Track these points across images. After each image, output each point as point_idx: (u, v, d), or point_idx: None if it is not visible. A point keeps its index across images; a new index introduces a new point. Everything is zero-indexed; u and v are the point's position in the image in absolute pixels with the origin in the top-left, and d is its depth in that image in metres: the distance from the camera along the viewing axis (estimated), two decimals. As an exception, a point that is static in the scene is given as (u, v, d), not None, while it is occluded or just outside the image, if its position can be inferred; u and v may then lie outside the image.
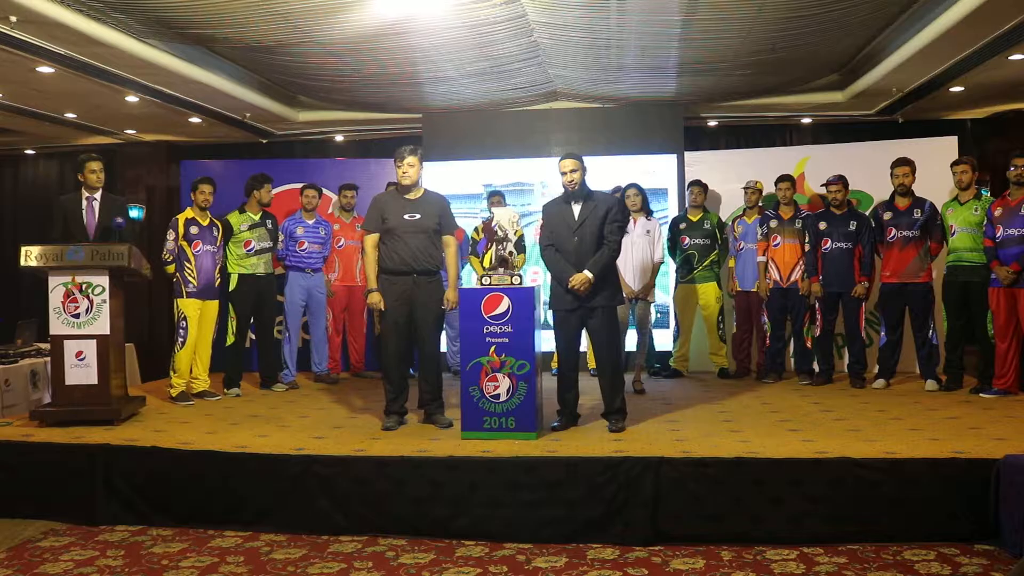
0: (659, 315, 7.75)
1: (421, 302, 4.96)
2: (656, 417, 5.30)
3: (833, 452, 4.15)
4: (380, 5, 5.44)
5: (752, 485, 4.01)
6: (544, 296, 5.30)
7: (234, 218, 6.54)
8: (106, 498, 4.43)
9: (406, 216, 4.90)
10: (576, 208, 4.84)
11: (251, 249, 6.49)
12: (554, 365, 5.41)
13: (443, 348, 6.71)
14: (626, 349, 6.31)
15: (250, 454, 4.39)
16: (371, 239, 4.97)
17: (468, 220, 7.72)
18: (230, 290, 6.48)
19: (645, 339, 6.60)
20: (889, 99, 7.76)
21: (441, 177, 7.93)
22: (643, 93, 7.70)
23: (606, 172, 7.44)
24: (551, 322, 5.03)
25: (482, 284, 4.78)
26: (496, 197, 7.22)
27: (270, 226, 6.68)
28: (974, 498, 3.93)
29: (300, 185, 7.24)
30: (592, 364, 6.75)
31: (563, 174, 4.81)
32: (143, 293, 8.73)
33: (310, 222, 7.05)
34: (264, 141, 9.01)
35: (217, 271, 6.25)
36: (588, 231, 4.78)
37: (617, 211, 4.84)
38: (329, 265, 7.24)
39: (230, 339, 6.58)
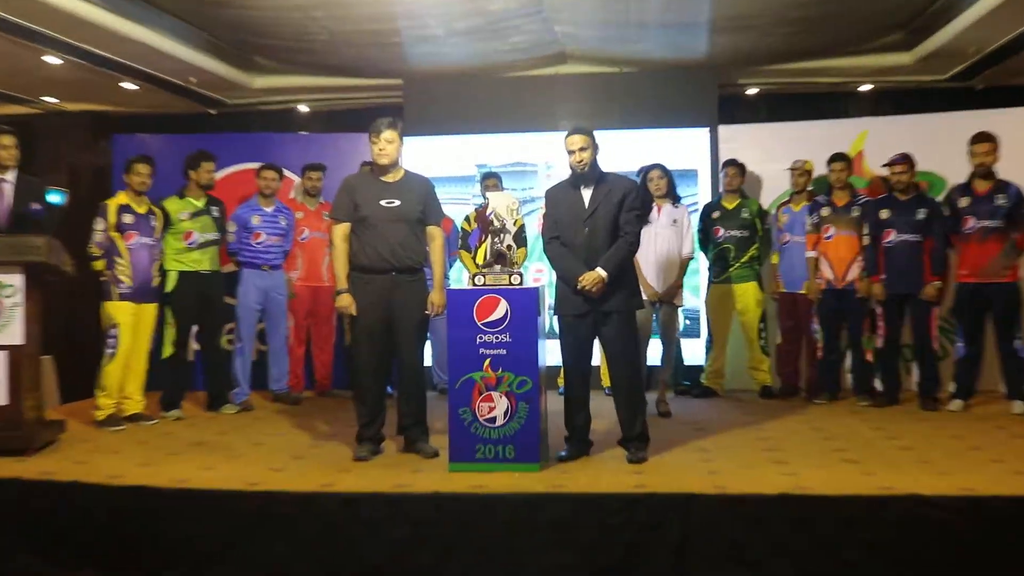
0: (688, 322, 7.63)
1: (401, 305, 4.95)
2: (684, 445, 5.27)
3: (898, 488, 4.11)
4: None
5: (799, 527, 3.95)
6: (549, 299, 5.31)
7: (172, 204, 6.48)
8: (18, 544, 4.32)
9: (383, 202, 4.91)
10: (587, 193, 4.83)
11: (192, 242, 6.46)
12: (561, 382, 5.19)
13: (427, 362, 6.69)
14: (648, 363, 6.24)
15: (193, 490, 4.33)
16: (340, 230, 4.96)
17: (458, 207, 7.67)
18: (168, 291, 6.41)
19: (671, 351, 6.53)
20: (966, 61, 7.68)
21: (426, 155, 7.84)
22: (668, 55, 7.60)
23: (623, 150, 7.36)
24: (557, 330, 5.00)
25: (475, 284, 4.78)
26: (492, 180, 7.15)
27: (216, 214, 6.64)
28: (1070, 543, 3.88)
29: (256, 165, 7.15)
30: (606, 381, 6.68)
31: (571, 152, 4.82)
32: (64, 294, 8.53)
33: (268, 209, 6.96)
34: (213, 112, 8.91)
35: (156, 268, 6.21)
36: (601, 221, 4.78)
37: (636, 197, 4.84)
38: (290, 261, 7.17)
39: (168, 350, 6.48)
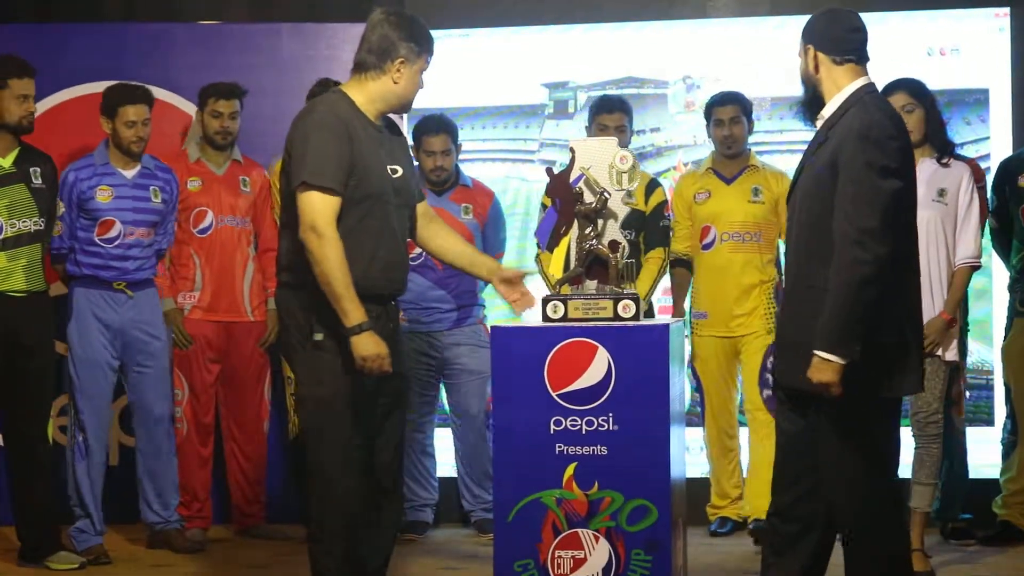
0: (968, 395, 6.00)
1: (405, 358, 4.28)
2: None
3: None
4: None
5: None
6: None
7: (-56, 166, 5.45)
8: None
9: (388, 169, 4.10)
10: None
11: (-8, 235, 5.57)
12: (720, 509, 4.91)
13: (442, 468, 5.74)
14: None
15: None
16: (331, 210, 3.95)
17: (511, 168, 6.47)
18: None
19: (935, 452, 5.15)
20: None
21: (445, 67, 6.63)
22: None
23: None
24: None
25: (548, 317, 3.97)
26: (612, 116, 5.64)
27: (38, 181, 5.48)
28: None
29: (108, 87, 5.69)
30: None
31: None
32: None
33: (128, 173, 5.59)
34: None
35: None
36: (803, 208, 3.80)
37: (858, 150, 3.61)
38: (182, 274, 5.77)
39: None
